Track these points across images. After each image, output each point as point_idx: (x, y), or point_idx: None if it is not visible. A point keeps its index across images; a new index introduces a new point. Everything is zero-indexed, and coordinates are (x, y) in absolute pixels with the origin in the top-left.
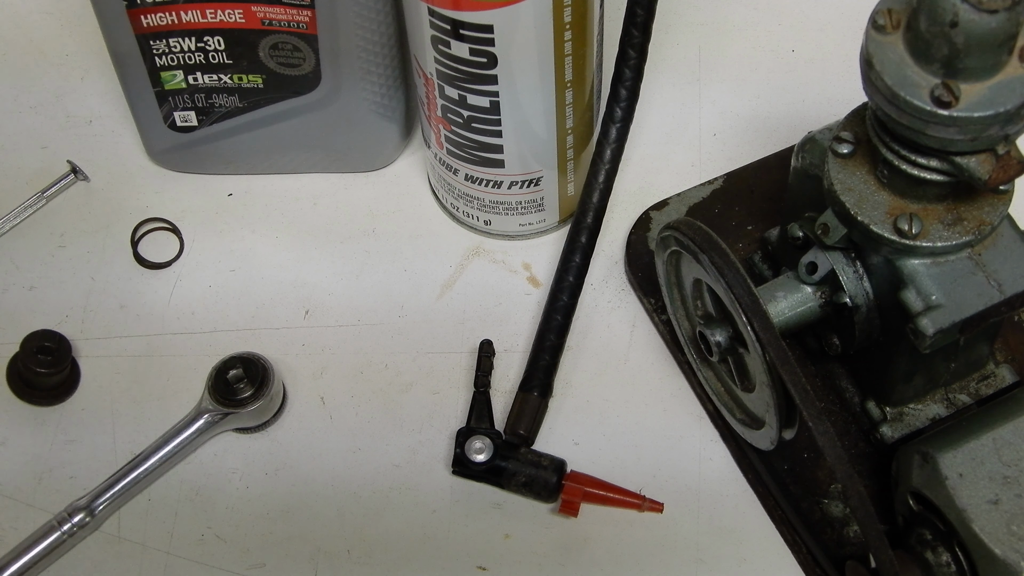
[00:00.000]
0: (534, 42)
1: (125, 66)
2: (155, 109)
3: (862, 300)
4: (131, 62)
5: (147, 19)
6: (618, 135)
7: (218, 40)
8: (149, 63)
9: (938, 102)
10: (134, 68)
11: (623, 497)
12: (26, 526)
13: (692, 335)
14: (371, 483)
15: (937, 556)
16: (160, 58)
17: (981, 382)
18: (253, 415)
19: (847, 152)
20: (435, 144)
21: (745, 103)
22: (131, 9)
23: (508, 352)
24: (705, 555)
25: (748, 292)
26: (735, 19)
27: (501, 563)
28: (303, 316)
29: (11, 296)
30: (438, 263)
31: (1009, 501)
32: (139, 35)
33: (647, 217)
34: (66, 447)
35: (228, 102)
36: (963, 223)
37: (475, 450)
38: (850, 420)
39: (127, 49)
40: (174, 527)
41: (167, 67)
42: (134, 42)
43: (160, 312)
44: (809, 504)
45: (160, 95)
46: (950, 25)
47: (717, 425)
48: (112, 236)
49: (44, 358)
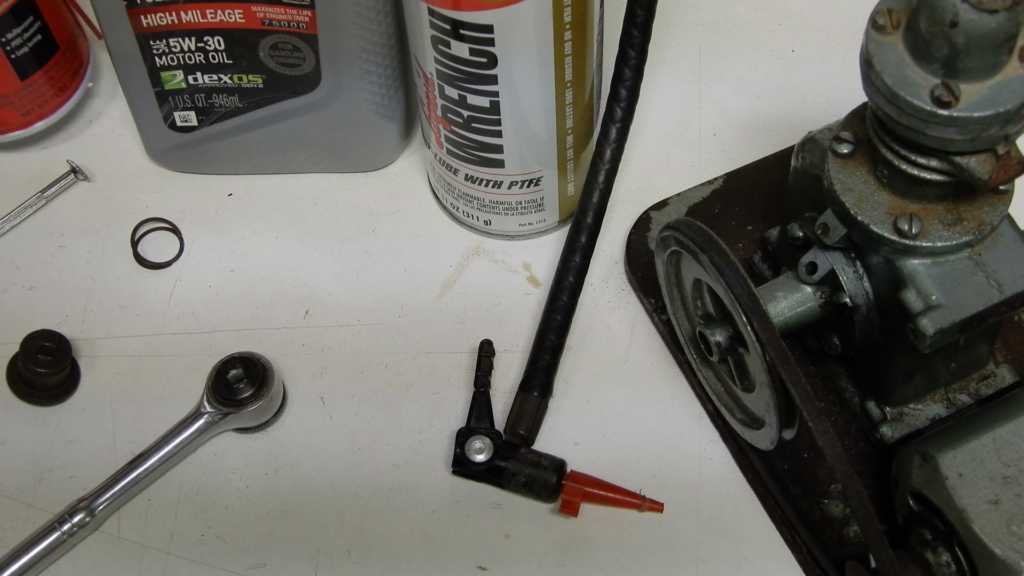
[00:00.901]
0: (534, 42)
1: (125, 66)
2: (155, 109)
3: (862, 300)
4: (131, 62)
5: (147, 19)
6: (618, 135)
7: (218, 40)
8: (149, 63)
9: (938, 102)
10: (134, 68)
11: (623, 497)
12: (26, 526)
13: (692, 335)
14: (371, 483)
15: (937, 556)
16: (160, 58)
17: (981, 382)
18: (253, 415)
19: (847, 152)
20: (435, 144)
21: (745, 103)
22: (131, 9)
23: (508, 352)
24: (705, 555)
25: (748, 292)
26: (735, 19)
27: (501, 563)
28: (303, 316)
29: (11, 296)
30: (438, 263)
31: (1009, 501)
32: (139, 35)
33: (647, 217)
34: (66, 447)
35: (228, 102)
36: (963, 223)
37: (475, 450)
38: (850, 420)
39: (127, 49)
40: (174, 527)
41: (167, 67)
42: (134, 42)
43: (160, 312)
44: (809, 504)
45: (160, 95)
46: (950, 25)
47: (717, 425)
48: (112, 236)
49: (44, 358)
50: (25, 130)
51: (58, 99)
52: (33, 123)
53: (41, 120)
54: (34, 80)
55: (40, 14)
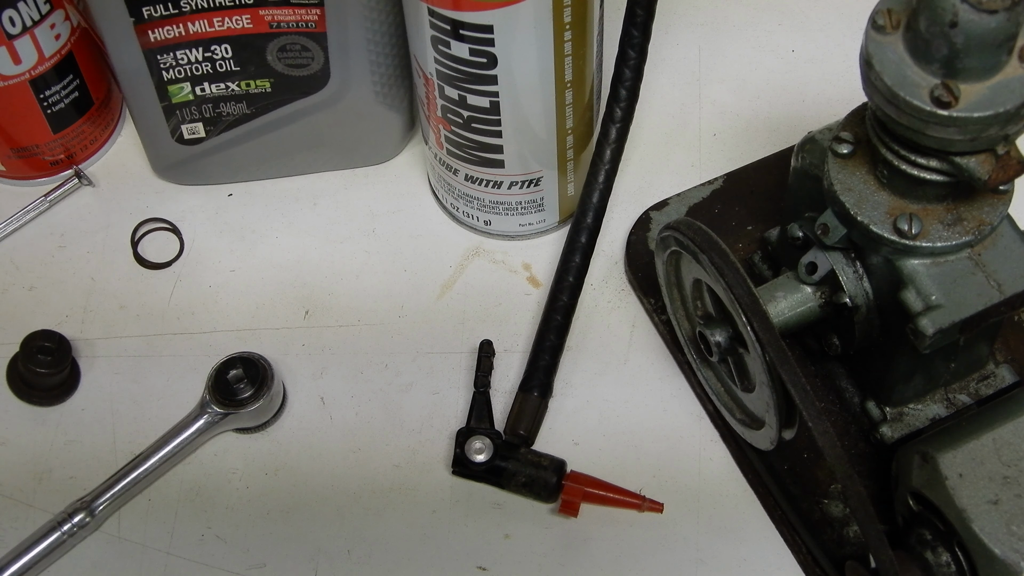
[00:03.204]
0: (534, 42)
1: (132, 84)
2: (163, 124)
3: (862, 300)
4: (138, 79)
5: (154, 33)
6: (618, 135)
7: (225, 48)
8: (156, 78)
9: (938, 102)
10: (142, 85)
11: (623, 497)
12: (26, 526)
13: (692, 335)
14: (371, 483)
15: (937, 556)
16: (168, 71)
17: (981, 382)
18: (253, 415)
19: (847, 152)
20: (435, 144)
21: (745, 103)
22: (139, 24)
23: (508, 352)
24: (705, 555)
25: (748, 292)
26: (735, 19)
27: (501, 563)
28: (303, 316)
29: (11, 296)
30: (438, 263)
31: (1009, 501)
32: (146, 50)
33: (647, 217)
34: (66, 447)
35: (236, 109)
36: (963, 223)
37: (475, 450)
38: (850, 420)
39: (135, 66)
40: (174, 527)
41: (174, 80)
42: (141, 58)
43: (160, 312)
44: (809, 504)
45: (167, 109)
46: (950, 25)
47: (717, 425)
48: (112, 236)
49: (44, 358)
50: (51, 177)
51: (87, 151)
52: (60, 172)
53: (68, 170)
54: (67, 133)
55: (80, 72)
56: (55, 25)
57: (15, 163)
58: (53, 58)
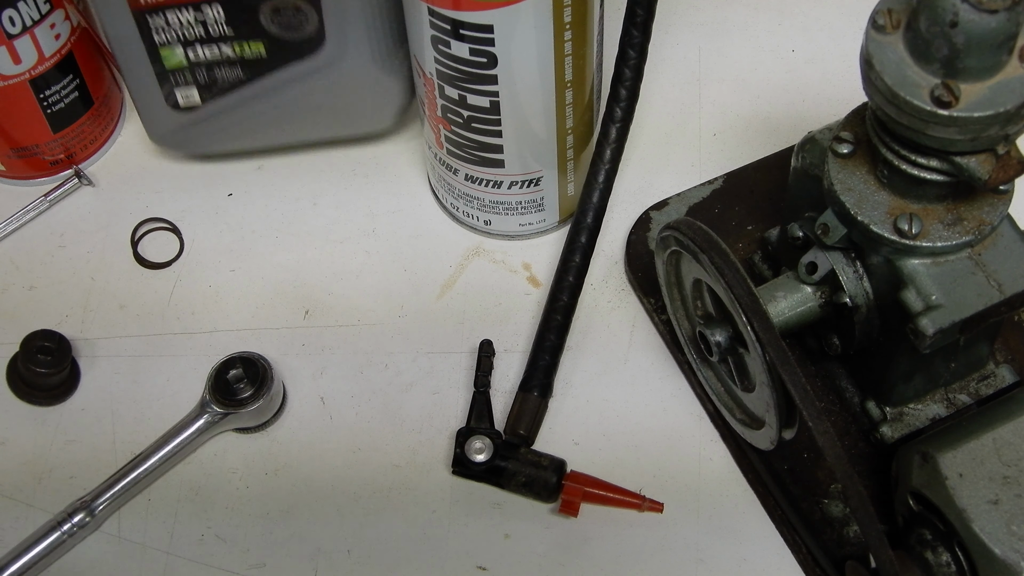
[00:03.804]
0: (534, 42)
1: (123, 49)
2: (156, 90)
3: (862, 300)
4: (129, 43)
5: None
6: (618, 135)
7: (217, 9)
8: (147, 41)
9: (938, 102)
10: (132, 49)
11: (623, 497)
12: (26, 526)
13: (692, 335)
14: (371, 483)
15: (937, 556)
16: (158, 34)
17: (981, 382)
18: (253, 415)
19: (847, 152)
20: (435, 144)
21: (745, 103)
22: None
23: (508, 352)
24: (705, 555)
25: (748, 292)
26: (735, 19)
27: (501, 563)
28: (303, 316)
29: (11, 296)
30: (438, 263)
31: (1009, 501)
32: (136, 11)
33: (647, 217)
34: (66, 447)
35: (230, 74)
36: (963, 223)
37: (475, 450)
38: (850, 420)
39: (125, 31)
40: (174, 527)
41: (166, 43)
42: (131, 20)
43: (160, 312)
44: (809, 504)
45: (160, 75)
46: (950, 25)
47: (717, 425)
48: (112, 236)
49: (44, 358)
50: (51, 177)
51: (87, 151)
52: (60, 171)
53: (68, 169)
54: (67, 133)
55: (80, 72)
56: (55, 25)
57: (15, 163)
58: (53, 58)
